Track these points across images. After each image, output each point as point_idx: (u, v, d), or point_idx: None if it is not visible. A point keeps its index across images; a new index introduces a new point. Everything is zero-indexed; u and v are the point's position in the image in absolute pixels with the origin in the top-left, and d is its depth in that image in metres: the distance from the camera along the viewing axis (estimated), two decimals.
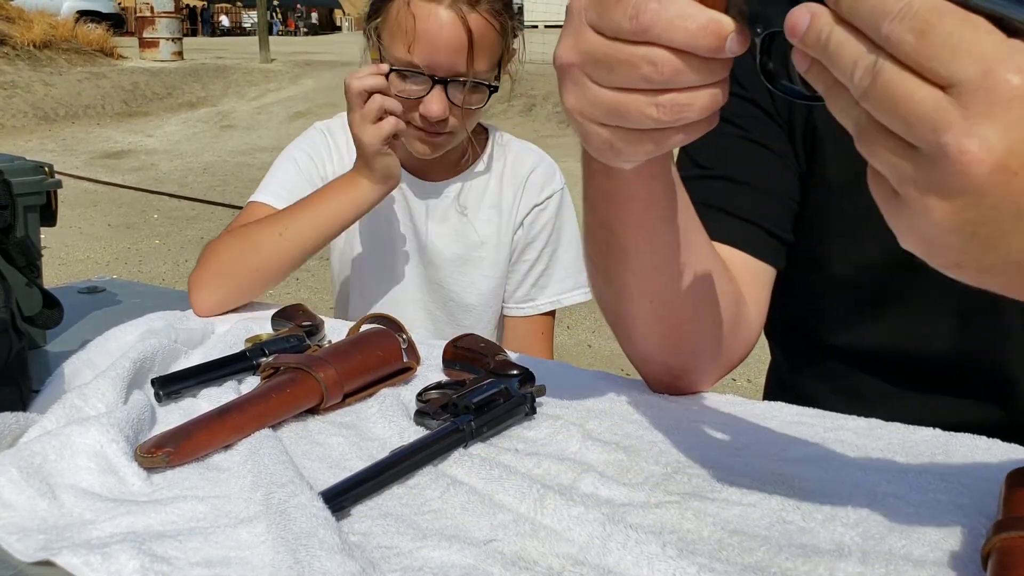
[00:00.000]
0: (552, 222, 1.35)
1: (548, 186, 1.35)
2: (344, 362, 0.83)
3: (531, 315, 1.37)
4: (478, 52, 1.18)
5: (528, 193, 1.35)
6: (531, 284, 1.36)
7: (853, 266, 0.89)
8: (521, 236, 1.35)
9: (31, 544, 0.58)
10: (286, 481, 0.63)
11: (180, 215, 6.46)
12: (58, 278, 4.38)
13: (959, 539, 0.58)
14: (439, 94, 1.18)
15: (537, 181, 1.35)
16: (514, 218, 1.35)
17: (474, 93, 1.21)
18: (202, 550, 0.57)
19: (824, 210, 0.90)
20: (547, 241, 1.35)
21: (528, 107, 9.95)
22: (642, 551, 0.56)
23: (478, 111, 1.25)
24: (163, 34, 13.39)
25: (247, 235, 1.16)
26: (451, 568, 0.55)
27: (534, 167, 1.36)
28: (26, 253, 0.93)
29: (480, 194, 1.35)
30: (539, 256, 1.35)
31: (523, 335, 1.38)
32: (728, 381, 3.43)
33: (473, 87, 1.20)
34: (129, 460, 0.68)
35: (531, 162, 1.37)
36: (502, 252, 1.35)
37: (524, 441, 0.76)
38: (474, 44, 1.17)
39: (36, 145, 9.22)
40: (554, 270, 1.37)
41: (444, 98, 1.18)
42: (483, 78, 1.21)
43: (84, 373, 0.86)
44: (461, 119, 1.23)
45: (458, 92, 1.20)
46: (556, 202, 1.36)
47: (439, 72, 1.18)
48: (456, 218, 1.35)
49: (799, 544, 0.58)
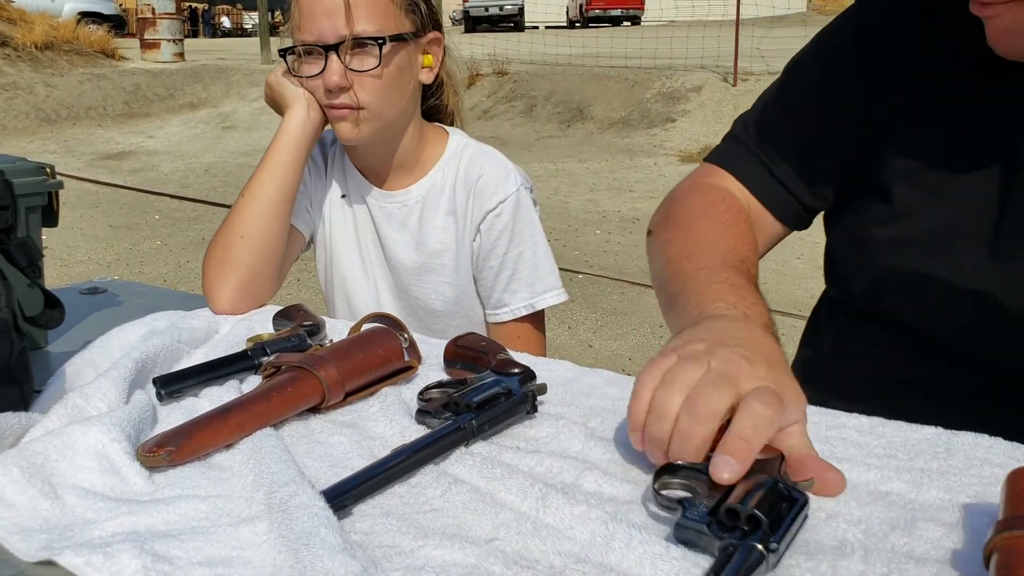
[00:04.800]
0: (510, 226, 1.32)
1: (500, 190, 1.31)
2: (345, 361, 0.83)
3: (508, 320, 1.36)
4: (356, 10, 1.18)
5: (479, 199, 1.32)
6: (501, 289, 1.35)
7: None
8: (479, 244, 1.33)
9: (33, 544, 0.58)
10: (288, 480, 0.63)
11: (181, 216, 6.46)
12: (60, 279, 4.39)
13: (961, 538, 0.58)
14: (332, 62, 1.19)
15: (488, 186, 1.32)
16: (470, 224, 1.33)
17: (367, 56, 1.20)
18: (204, 549, 0.57)
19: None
20: (507, 247, 1.33)
21: (528, 107, 9.95)
22: (645, 550, 0.56)
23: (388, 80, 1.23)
24: (164, 35, 13.39)
25: (226, 218, 1.24)
26: (453, 567, 0.55)
27: (483, 172, 1.33)
28: (28, 253, 0.93)
29: (436, 200, 1.34)
30: (503, 262, 1.33)
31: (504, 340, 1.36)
32: None
33: (361, 48, 1.19)
34: (131, 459, 0.68)
35: (480, 166, 1.34)
36: (463, 259, 1.34)
37: (526, 440, 0.76)
38: (350, 4, 1.17)
39: (38, 146, 9.23)
40: (521, 274, 1.34)
41: (338, 65, 1.19)
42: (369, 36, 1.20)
43: (86, 373, 0.87)
44: (371, 89, 1.21)
45: (360, 57, 1.20)
46: (511, 206, 1.32)
47: (328, 40, 1.19)
48: (415, 226, 1.35)
49: (801, 541, 0.58)
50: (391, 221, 1.36)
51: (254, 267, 1.18)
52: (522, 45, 12.49)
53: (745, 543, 0.54)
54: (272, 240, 1.21)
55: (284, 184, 1.23)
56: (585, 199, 6.64)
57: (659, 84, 9.77)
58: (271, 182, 1.22)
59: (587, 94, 9.95)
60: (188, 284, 4.62)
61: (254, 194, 1.22)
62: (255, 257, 1.19)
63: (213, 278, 1.17)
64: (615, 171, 7.67)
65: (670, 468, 0.64)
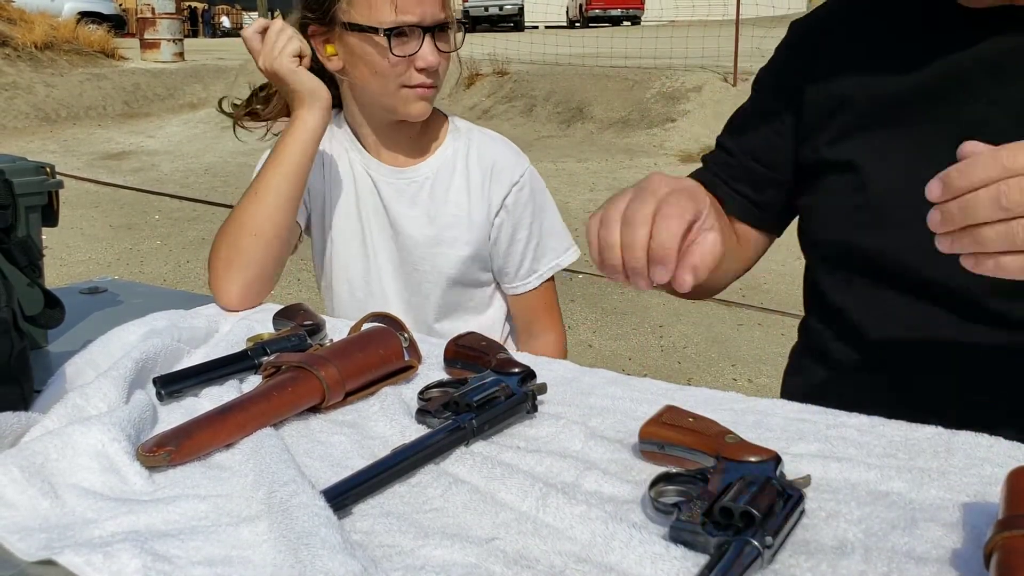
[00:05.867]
0: (532, 198, 1.41)
1: (518, 166, 1.41)
2: (345, 361, 0.83)
3: (536, 286, 1.43)
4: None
5: (502, 176, 1.40)
6: (531, 258, 1.42)
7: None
8: (506, 218, 1.40)
9: (33, 543, 0.58)
10: (288, 480, 0.63)
11: (181, 216, 6.46)
12: (59, 279, 4.39)
13: (961, 537, 0.58)
14: (430, 44, 1.26)
15: (506, 166, 1.40)
16: (489, 201, 1.40)
17: (448, 38, 1.30)
18: (204, 549, 0.57)
19: None
20: (533, 216, 1.41)
21: (528, 107, 9.95)
22: (645, 550, 0.56)
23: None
24: (164, 35, 13.38)
25: (233, 213, 1.24)
26: (453, 567, 0.55)
27: (497, 154, 1.41)
28: (28, 253, 0.93)
29: (448, 177, 1.40)
30: (530, 232, 1.41)
31: (532, 307, 1.45)
32: (729, 381, 3.43)
33: (446, 31, 1.29)
34: (131, 459, 0.68)
35: (493, 149, 1.42)
36: (475, 232, 1.39)
37: (526, 439, 0.76)
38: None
39: (38, 146, 9.23)
40: (547, 239, 1.43)
41: (435, 46, 1.27)
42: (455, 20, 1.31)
43: (86, 373, 0.86)
44: (444, 68, 1.32)
45: (444, 40, 1.29)
46: (529, 179, 1.41)
47: (427, 23, 1.25)
48: (426, 201, 1.39)
49: (802, 541, 0.58)
50: (401, 197, 1.39)
51: (263, 264, 1.20)
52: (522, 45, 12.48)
53: (739, 539, 0.55)
54: (281, 238, 1.23)
55: (296, 183, 1.24)
56: (585, 199, 6.63)
57: (659, 84, 9.76)
58: (284, 181, 1.22)
59: (587, 94, 9.95)
60: (188, 284, 4.63)
61: (265, 192, 1.22)
62: (264, 254, 1.20)
63: (221, 275, 1.18)
64: (615, 171, 7.67)
65: (666, 476, 0.65)
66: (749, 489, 0.59)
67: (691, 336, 3.90)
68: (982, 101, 0.92)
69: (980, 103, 0.92)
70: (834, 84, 1.03)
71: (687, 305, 4.21)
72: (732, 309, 4.22)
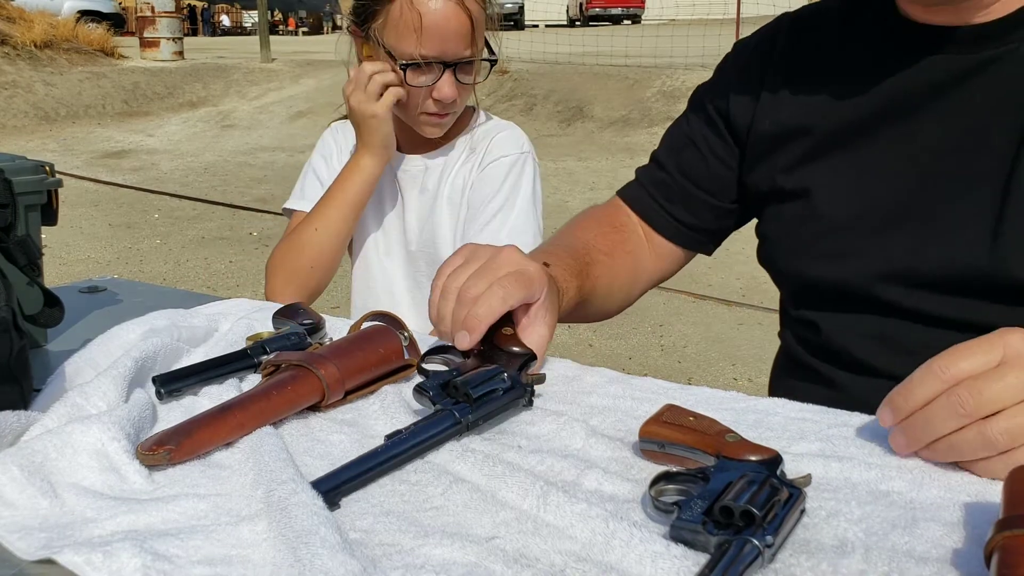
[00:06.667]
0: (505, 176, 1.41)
1: (506, 148, 1.44)
2: (345, 359, 0.83)
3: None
4: (478, 33, 1.32)
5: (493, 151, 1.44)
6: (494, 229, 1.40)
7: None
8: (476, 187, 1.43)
9: (33, 543, 0.57)
10: (287, 479, 0.63)
11: (181, 215, 6.46)
12: (59, 277, 4.39)
13: (962, 536, 0.58)
14: (449, 79, 1.32)
15: (496, 146, 1.44)
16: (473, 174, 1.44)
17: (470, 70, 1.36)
18: (203, 548, 0.57)
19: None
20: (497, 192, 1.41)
21: (528, 107, 9.96)
22: (646, 549, 0.56)
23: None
24: (164, 34, 13.38)
25: (294, 240, 1.39)
26: (453, 566, 0.55)
27: (495, 135, 1.46)
28: (27, 252, 0.93)
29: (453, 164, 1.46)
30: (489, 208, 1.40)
31: None
32: (730, 380, 3.43)
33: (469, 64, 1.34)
34: (130, 458, 0.68)
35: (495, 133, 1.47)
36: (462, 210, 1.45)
37: (527, 438, 0.75)
38: (475, 27, 1.31)
39: (37, 145, 9.23)
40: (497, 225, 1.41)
41: (454, 81, 1.32)
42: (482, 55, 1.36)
43: (86, 372, 0.86)
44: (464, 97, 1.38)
45: (466, 73, 1.34)
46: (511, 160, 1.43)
47: (448, 58, 1.30)
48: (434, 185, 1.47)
49: (802, 540, 0.58)
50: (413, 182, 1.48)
51: (319, 286, 1.39)
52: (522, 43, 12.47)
53: (739, 538, 0.55)
54: (335, 263, 1.40)
55: (352, 221, 1.39)
56: (585, 198, 6.63)
57: (659, 83, 9.76)
58: (343, 221, 1.37)
59: (587, 93, 9.95)
60: (187, 282, 4.63)
61: (325, 228, 1.36)
62: (320, 280, 1.39)
63: (278, 293, 1.36)
64: (615, 170, 7.67)
65: (666, 475, 0.65)
66: (750, 488, 0.59)
67: (691, 335, 3.90)
68: (932, 122, 0.92)
69: (931, 123, 0.92)
70: (785, 113, 1.04)
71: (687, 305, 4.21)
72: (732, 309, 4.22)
